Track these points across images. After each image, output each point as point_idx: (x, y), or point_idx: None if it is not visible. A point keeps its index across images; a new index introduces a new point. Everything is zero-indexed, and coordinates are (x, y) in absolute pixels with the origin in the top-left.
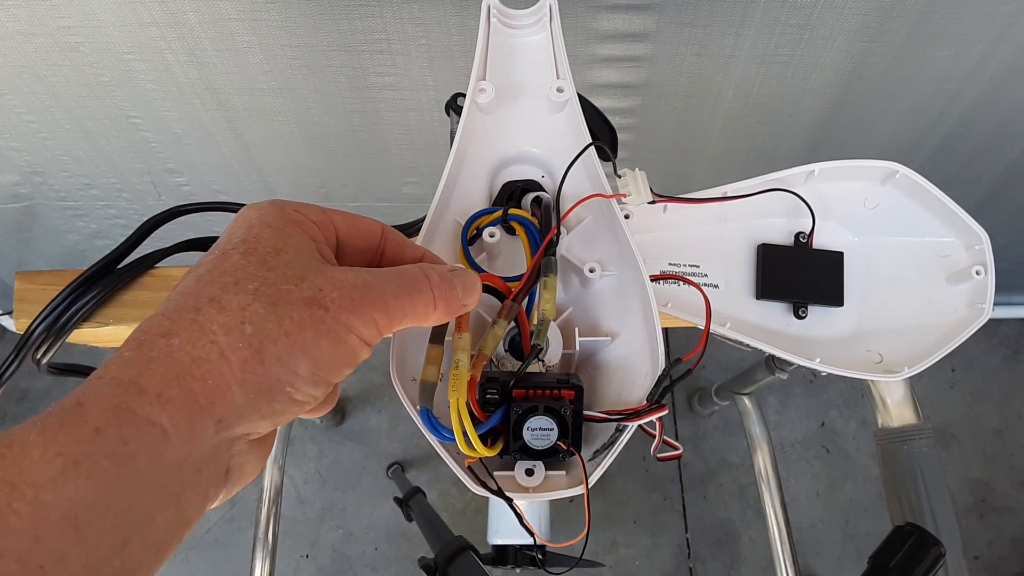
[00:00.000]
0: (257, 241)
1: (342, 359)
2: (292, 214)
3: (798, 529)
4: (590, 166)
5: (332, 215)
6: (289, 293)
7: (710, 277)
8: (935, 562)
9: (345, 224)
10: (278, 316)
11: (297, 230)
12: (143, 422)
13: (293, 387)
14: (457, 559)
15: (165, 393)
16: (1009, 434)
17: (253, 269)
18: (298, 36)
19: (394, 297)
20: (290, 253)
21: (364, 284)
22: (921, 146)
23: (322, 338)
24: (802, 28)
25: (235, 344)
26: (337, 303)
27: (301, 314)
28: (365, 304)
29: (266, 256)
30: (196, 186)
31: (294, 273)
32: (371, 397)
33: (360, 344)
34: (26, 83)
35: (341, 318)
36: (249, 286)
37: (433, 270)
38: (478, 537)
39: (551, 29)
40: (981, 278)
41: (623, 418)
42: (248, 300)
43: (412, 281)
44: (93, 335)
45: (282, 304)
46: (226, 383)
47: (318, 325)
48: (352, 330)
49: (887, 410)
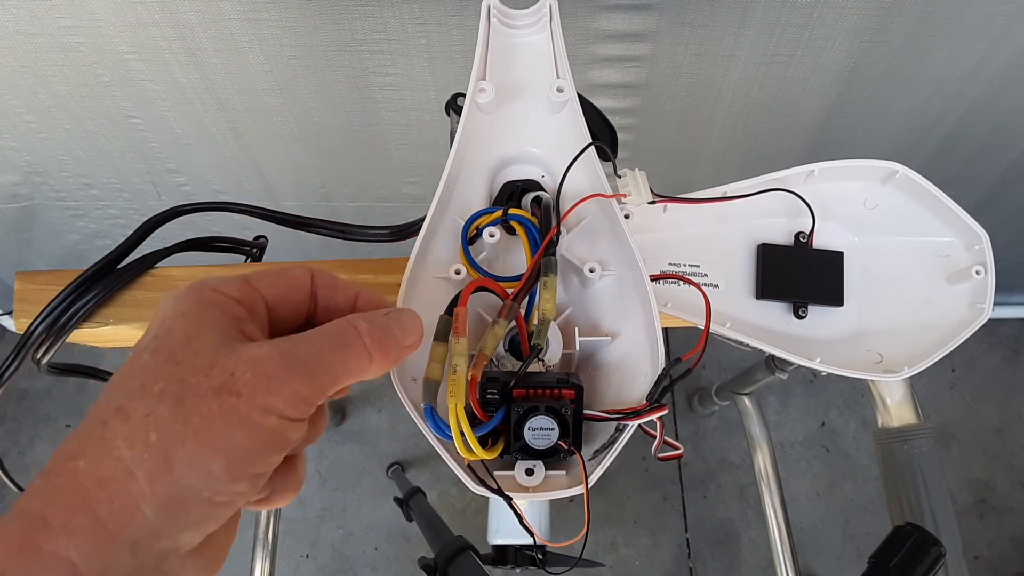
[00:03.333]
0: (168, 334)
1: (264, 446)
2: (209, 295)
3: (798, 529)
4: (590, 166)
5: (257, 282)
6: (197, 385)
7: (710, 277)
8: (935, 562)
9: (271, 287)
10: (185, 415)
11: (214, 311)
12: (50, 558)
13: (210, 490)
14: (457, 559)
15: (71, 524)
16: (1009, 434)
17: (160, 367)
18: (298, 36)
19: (319, 361)
20: (202, 340)
21: (282, 356)
22: (921, 146)
23: (235, 429)
24: (802, 28)
25: (140, 457)
26: (250, 385)
27: (210, 407)
28: (283, 378)
29: (175, 350)
30: (196, 186)
31: (204, 362)
32: (371, 397)
33: (284, 424)
34: (26, 83)
35: (256, 401)
36: (155, 387)
37: (362, 319)
38: (478, 537)
39: (551, 29)
40: (981, 278)
41: (623, 417)
42: (153, 404)
43: (339, 337)
44: (93, 335)
45: (189, 399)
46: (135, 502)
47: (229, 415)
48: (270, 411)
49: (887, 410)
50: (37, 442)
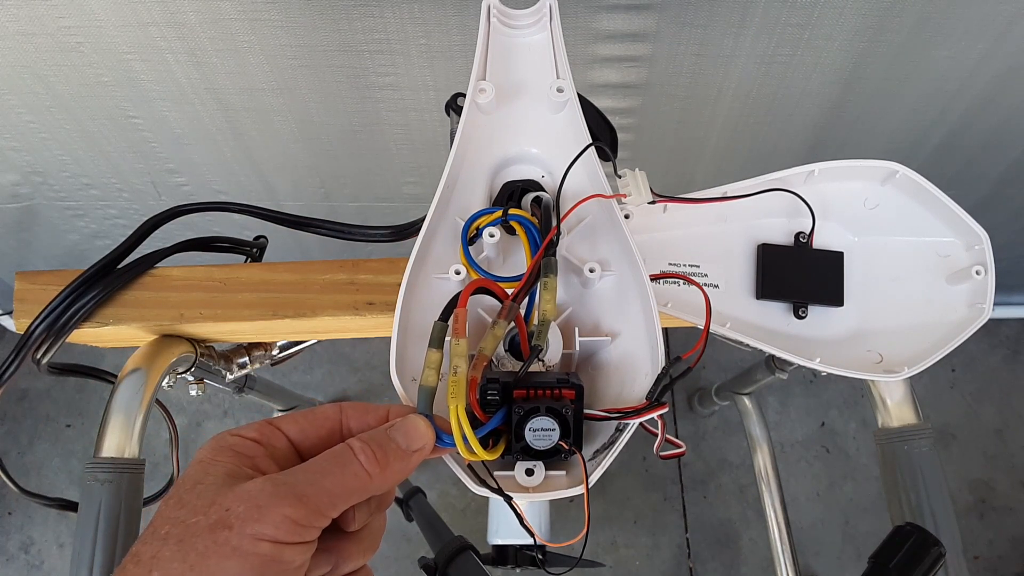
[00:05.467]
0: (183, 481)
1: (259, 571)
2: (227, 440)
3: (798, 529)
4: (590, 166)
5: (279, 422)
6: (196, 525)
7: (710, 277)
8: (935, 562)
9: (295, 425)
10: (183, 552)
11: (226, 455)
12: None
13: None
14: (457, 559)
15: None
16: (1009, 434)
17: (169, 512)
18: (298, 36)
19: (311, 485)
20: (207, 483)
21: (272, 486)
22: (921, 146)
23: (226, 560)
24: (802, 28)
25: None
26: (241, 517)
27: (205, 542)
28: (272, 507)
29: (183, 494)
30: (196, 186)
31: (204, 502)
32: (371, 397)
33: (277, 548)
34: (26, 83)
35: (246, 531)
36: (162, 531)
37: (359, 439)
38: (478, 537)
39: (551, 29)
40: (981, 278)
41: (623, 416)
42: (159, 547)
43: (332, 461)
44: (93, 335)
45: (188, 539)
46: None
47: (222, 548)
48: (261, 538)
49: (887, 410)
50: (37, 442)
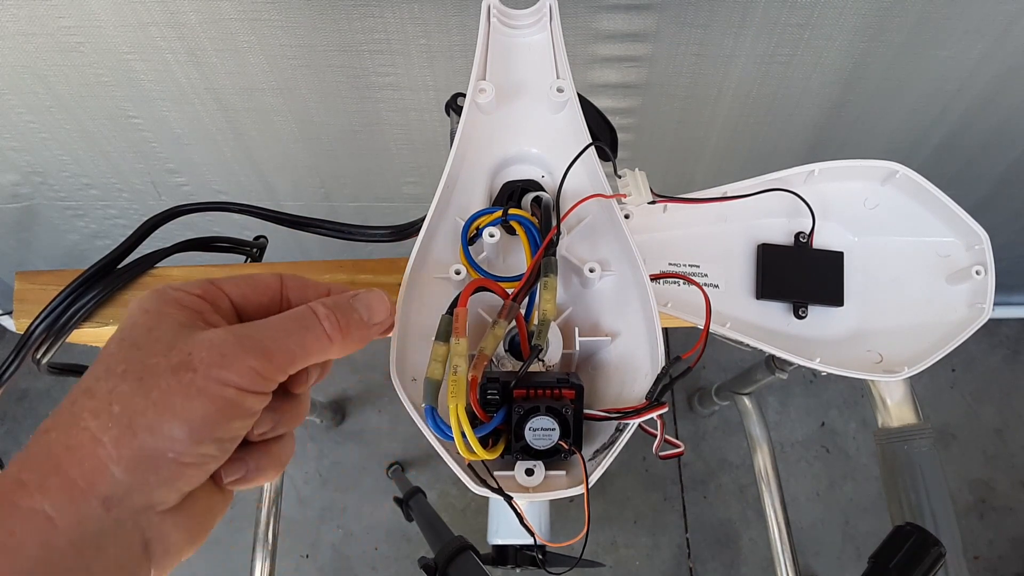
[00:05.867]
0: (132, 328)
1: (222, 413)
2: (170, 294)
3: (798, 529)
4: (590, 166)
5: (221, 283)
6: (156, 366)
7: (710, 277)
8: (935, 562)
9: (237, 288)
10: (145, 389)
11: (174, 307)
12: (27, 512)
13: (174, 452)
14: (457, 559)
15: (44, 483)
16: (1009, 434)
17: (124, 352)
18: (298, 36)
19: (273, 340)
20: (163, 328)
21: (235, 337)
22: (921, 146)
23: (192, 399)
24: (802, 28)
25: (105, 426)
26: (205, 362)
27: (168, 382)
28: (237, 356)
29: (137, 338)
30: (196, 186)
31: (163, 346)
32: (371, 397)
33: (241, 395)
34: (26, 83)
35: (211, 374)
36: (118, 369)
37: (321, 304)
38: (478, 537)
39: (551, 29)
40: (981, 278)
41: (623, 416)
42: (116, 382)
43: (296, 320)
44: (93, 335)
45: (148, 378)
46: (102, 463)
47: (187, 388)
48: (226, 383)
49: (887, 410)
50: None
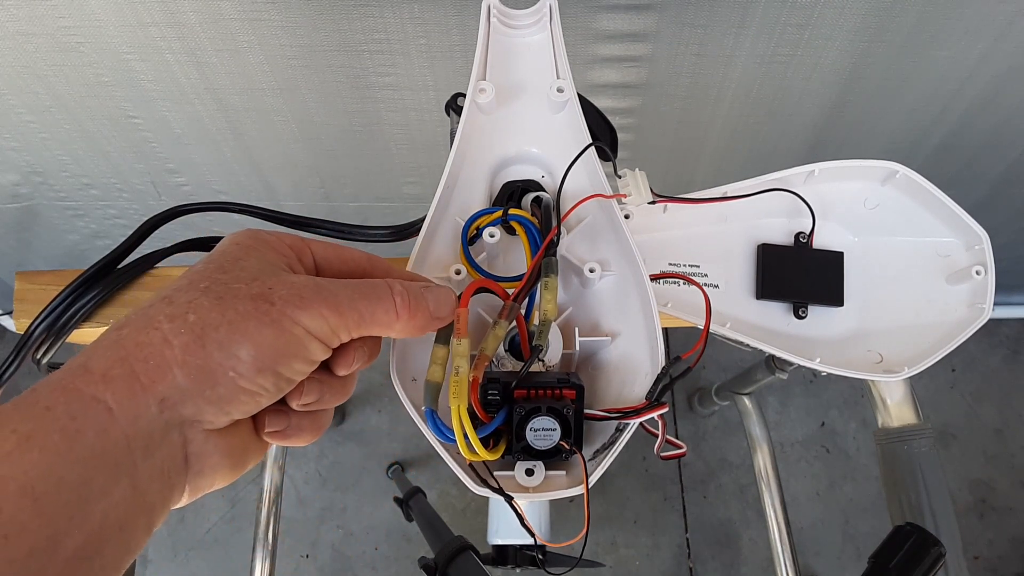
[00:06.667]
0: (222, 254)
1: (288, 348)
2: (264, 235)
3: (798, 529)
4: (590, 166)
5: (311, 244)
6: (238, 291)
7: (710, 277)
8: (935, 562)
9: (323, 249)
10: (223, 308)
11: (265, 247)
12: (89, 399)
13: (236, 372)
14: (457, 559)
15: (108, 373)
16: (1009, 434)
17: (209, 272)
18: (298, 36)
19: (348, 299)
20: (249, 261)
21: (316, 285)
22: (921, 146)
23: (265, 328)
24: (802, 28)
25: (177, 330)
26: (284, 299)
27: (246, 306)
28: (314, 301)
29: (224, 263)
30: (196, 186)
31: (247, 275)
32: (371, 397)
33: (307, 337)
34: (26, 83)
35: (287, 311)
36: (200, 285)
37: (399, 283)
38: (478, 537)
39: (551, 29)
40: (981, 278)
41: (623, 416)
42: (196, 295)
43: (372, 289)
44: (93, 335)
45: (228, 299)
46: (167, 364)
47: (262, 316)
48: (298, 322)
49: (887, 410)
50: None
